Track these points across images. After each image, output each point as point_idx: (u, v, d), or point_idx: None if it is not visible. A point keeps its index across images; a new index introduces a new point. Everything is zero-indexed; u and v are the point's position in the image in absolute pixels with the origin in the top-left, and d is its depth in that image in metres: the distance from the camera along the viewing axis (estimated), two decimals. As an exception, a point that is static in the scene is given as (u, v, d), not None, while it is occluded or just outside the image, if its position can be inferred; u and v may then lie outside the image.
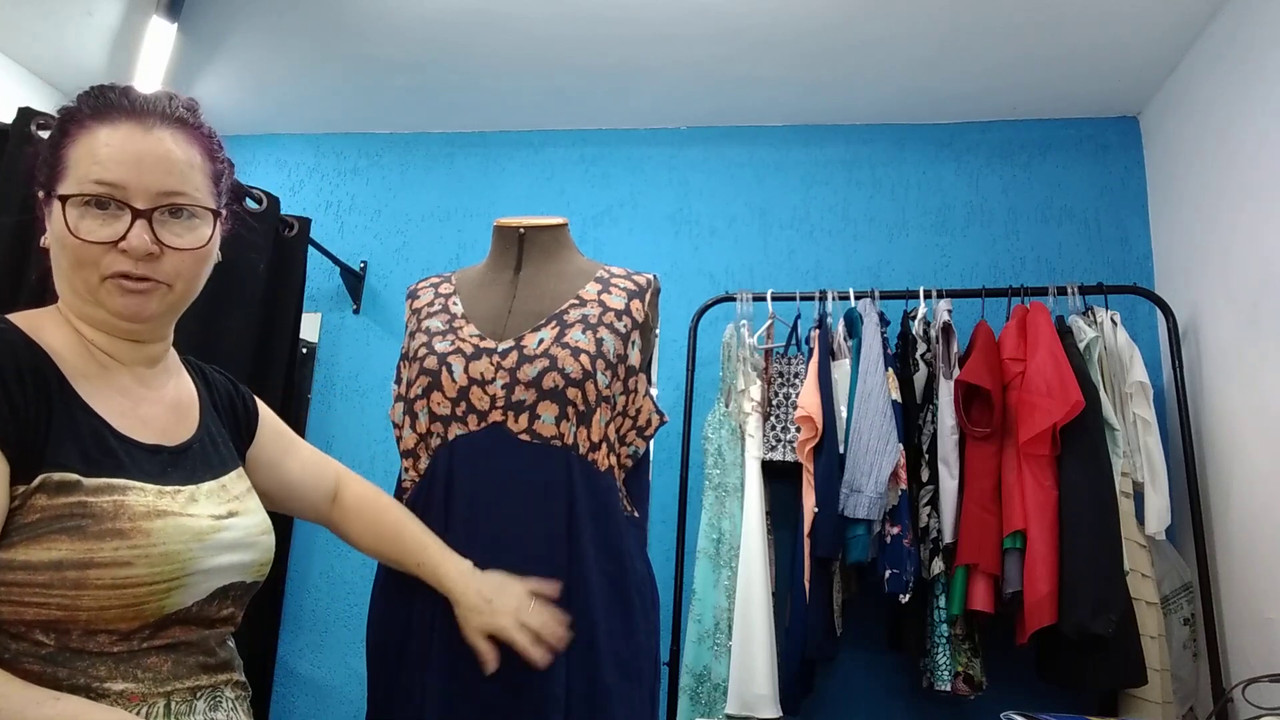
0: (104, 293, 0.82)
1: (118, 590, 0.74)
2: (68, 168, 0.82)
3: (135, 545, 0.75)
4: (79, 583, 0.72)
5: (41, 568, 0.72)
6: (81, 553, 0.72)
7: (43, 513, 0.73)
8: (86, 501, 0.74)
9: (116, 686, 0.75)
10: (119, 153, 0.81)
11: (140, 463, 0.81)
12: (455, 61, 2.56)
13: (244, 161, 2.90)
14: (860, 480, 2.00)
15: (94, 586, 0.73)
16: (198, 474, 0.88)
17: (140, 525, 0.76)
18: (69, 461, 0.75)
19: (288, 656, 2.58)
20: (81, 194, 0.80)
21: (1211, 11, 2.15)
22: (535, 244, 1.38)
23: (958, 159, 2.69)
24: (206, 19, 2.42)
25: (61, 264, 0.83)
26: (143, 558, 0.76)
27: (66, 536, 0.72)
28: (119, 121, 0.82)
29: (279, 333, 2.39)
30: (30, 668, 0.72)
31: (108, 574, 0.73)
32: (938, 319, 2.18)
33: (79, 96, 0.86)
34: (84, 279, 0.82)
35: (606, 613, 1.17)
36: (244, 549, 0.88)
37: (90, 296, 0.82)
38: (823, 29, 2.31)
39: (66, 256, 0.82)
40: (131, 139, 0.82)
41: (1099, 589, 1.84)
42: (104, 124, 0.82)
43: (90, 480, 0.75)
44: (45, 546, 0.72)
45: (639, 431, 1.30)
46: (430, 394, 1.24)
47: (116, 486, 0.77)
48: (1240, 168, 2.05)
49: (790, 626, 2.08)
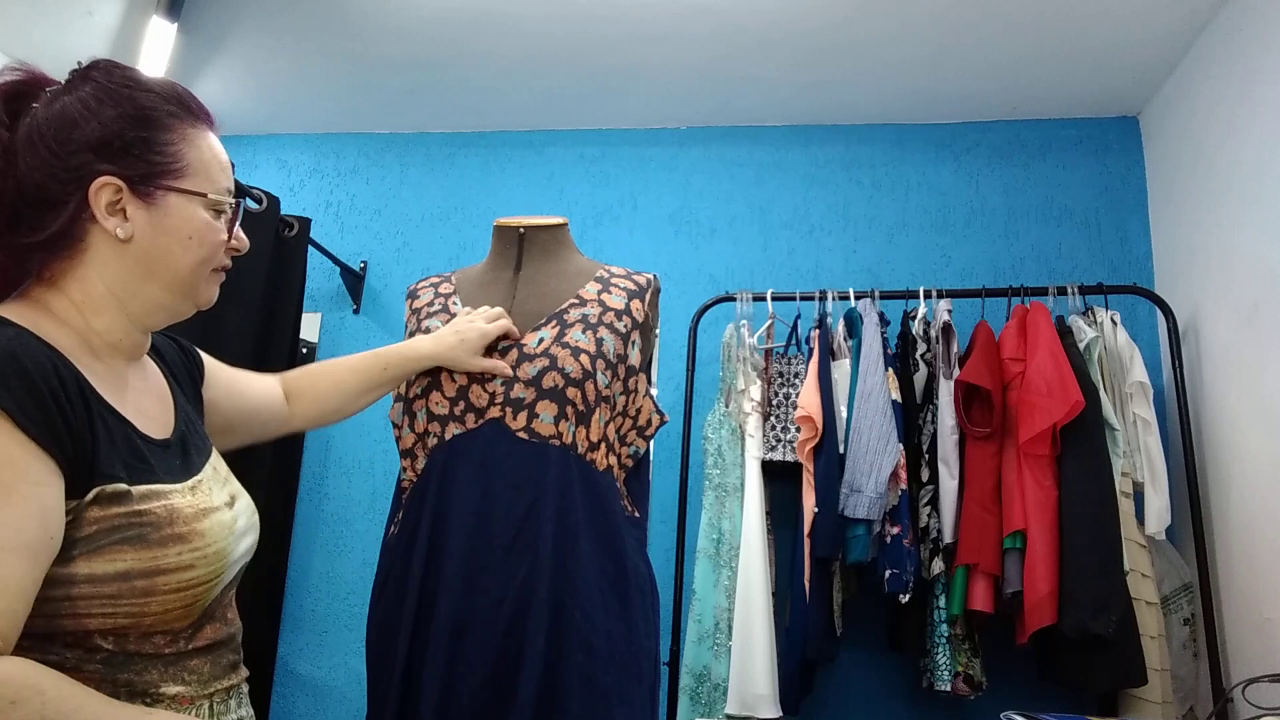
0: (206, 284, 0.89)
1: (181, 593, 0.77)
2: (187, 165, 0.85)
3: (195, 548, 0.78)
4: (148, 590, 0.74)
5: (107, 580, 0.73)
6: (148, 561, 0.74)
7: (99, 524, 0.73)
8: (140, 510, 0.75)
9: (170, 690, 0.78)
10: (225, 162, 0.90)
11: (161, 462, 0.82)
12: (455, 61, 2.56)
13: (244, 161, 2.91)
14: (860, 480, 2.00)
15: (162, 592, 0.75)
16: (194, 462, 0.88)
17: (194, 528, 0.79)
18: (115, 472, 0.75)
19: (288, 656, 2.58)
20: (220, 201, 0.87)
21: (1211, 11, 2.15)
22: (535, 244, 1.38)
23: (958, 159, 2.69)
24: (206, 19, 2.42)
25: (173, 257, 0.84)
26: (202, 559, 0.79)
27: (130, 546, 0.74)
28: (210, 128, 0.89)
29: (279, 333, 2.40)
30: (89, 674, 0.73)
31: (174, 579, 0.76)
32: (938, 319, 2.18)
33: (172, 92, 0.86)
34: (195, 272, 0.86)
35: (605, 613, 1.16)
36: (251, 531, 0.90)
37: (187, 289, 0.87)
38: (823, 29, 2.31)
39: (193, 251, 0.85)
40: (221, 148, 0.90)
41: (1099, 589, 1.84)
42: (206, 128, 0.88)
43: (136, 488, 0.76)
44: (108, 558, 0.73)
45: (639, 431, 1.31)
46: (429, 394, 1.24)
47: (159, 492, 0.78)
48: (1240, 167, 2.05)
49: (790, 626, 2.08)
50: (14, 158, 0.79)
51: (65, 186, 0.79)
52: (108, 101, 0.81)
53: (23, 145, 0.79)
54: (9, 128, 0.80)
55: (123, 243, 0.81)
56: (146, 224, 0.82)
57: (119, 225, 0.81)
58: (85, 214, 0.80)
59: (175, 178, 0.83)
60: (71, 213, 0.80)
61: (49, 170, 0.79)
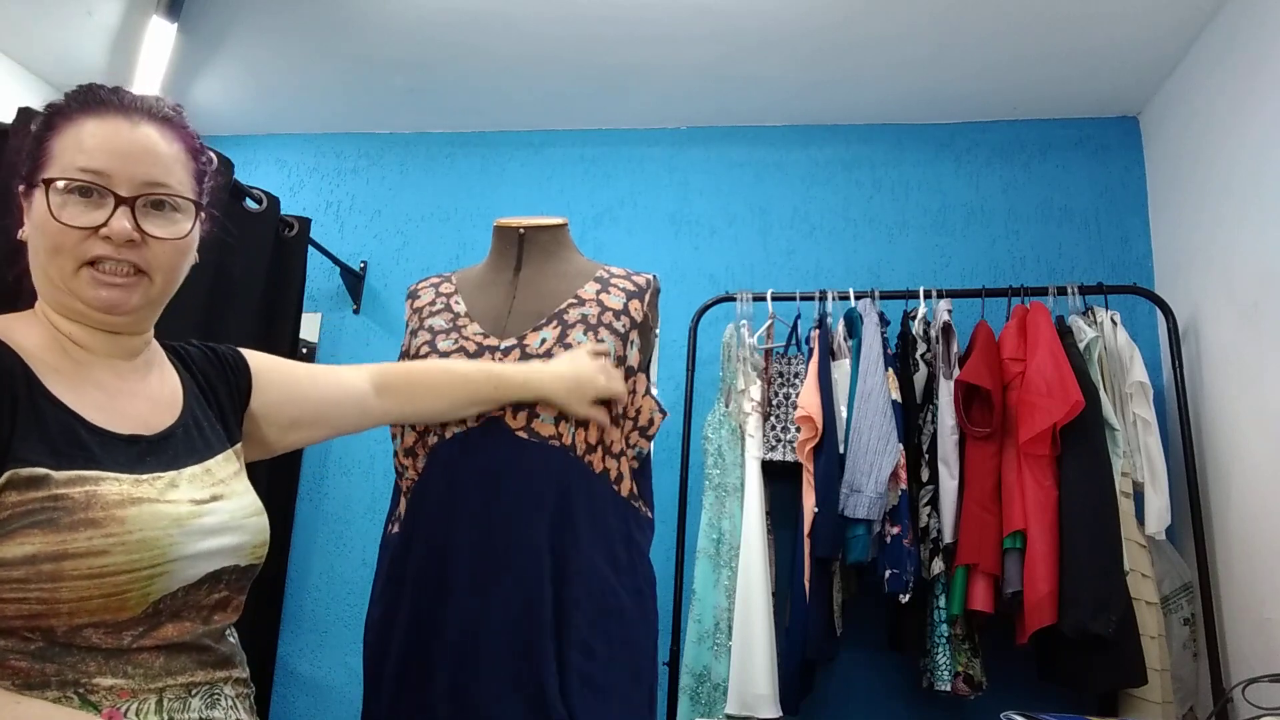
0: (78, 282, 0.83)
1: (95, 580, 0.74)
2: (53, 157, 0.83)
3: (110, 533, 0.75)
4: (55, 575, 0.72)
5: (16, 563, 0.71)
6: (55, 544, 0.72)
7: (13, 509, 0.72)
8: (57, 494, 0.74)
9: (105, 682, 0.75)
10: (105, 143, 0.83)
11: (114, 453, 0.81)
12: (455, 61, 2.57)
13: (244, 161, 2.91)
14: (860, 480, 2.00)
15: (70, 577, 0.73)
16: (179, 460, 0.86)
17: (114, 514, 0.76)
18: (35, 457, 0.74)
19: (288, 656, 2.58)
20: (66, 179, 0.81)
21: (1211, 12, 2.15)
22: (535, 244, 1.38)
23: (958, 159, 2.69)
24: (206, 19, 2.42)
25: (39, 252, 0.84)
26: (119, 545, 0.75)
27: (39, 530, 0.72)
28: (106, 115, 0.84)
29: (279, 333, 2.39)
30: (17, 664, 0.73)
31: (84, 564, 0.73)
32: (938, 319, 2.18)
33: (67, 93, 0.87)
34: (59, 266, 0.82)
35: (603, 614, 1.16)
36: (230, 532, 0.86)
37: (64, 285, 0.83)
38: (823, 29, 2.31)
39: (45, 242, 0.82)
40: (119, 131, 0.84)
41: (1099, 589, 1.84)
42: (91, 116, 0.84)
43: (60, 473, 0.75)
44: (18, 542, 0.72)
45: (641, 431, 1.30)
46: (430, 393, 1.23)
47: (89, 478, 0.76)
48: (1240, 167, 2.05)
49: (790, 626, 2.08)
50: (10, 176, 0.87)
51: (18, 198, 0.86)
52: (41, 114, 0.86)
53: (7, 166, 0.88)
54: None
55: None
56: (30, 222, 0.85)
57: (21, 231, 0.86)
58: None
59: (39, 172, 0.84)
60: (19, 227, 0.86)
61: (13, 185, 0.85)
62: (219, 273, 2.03)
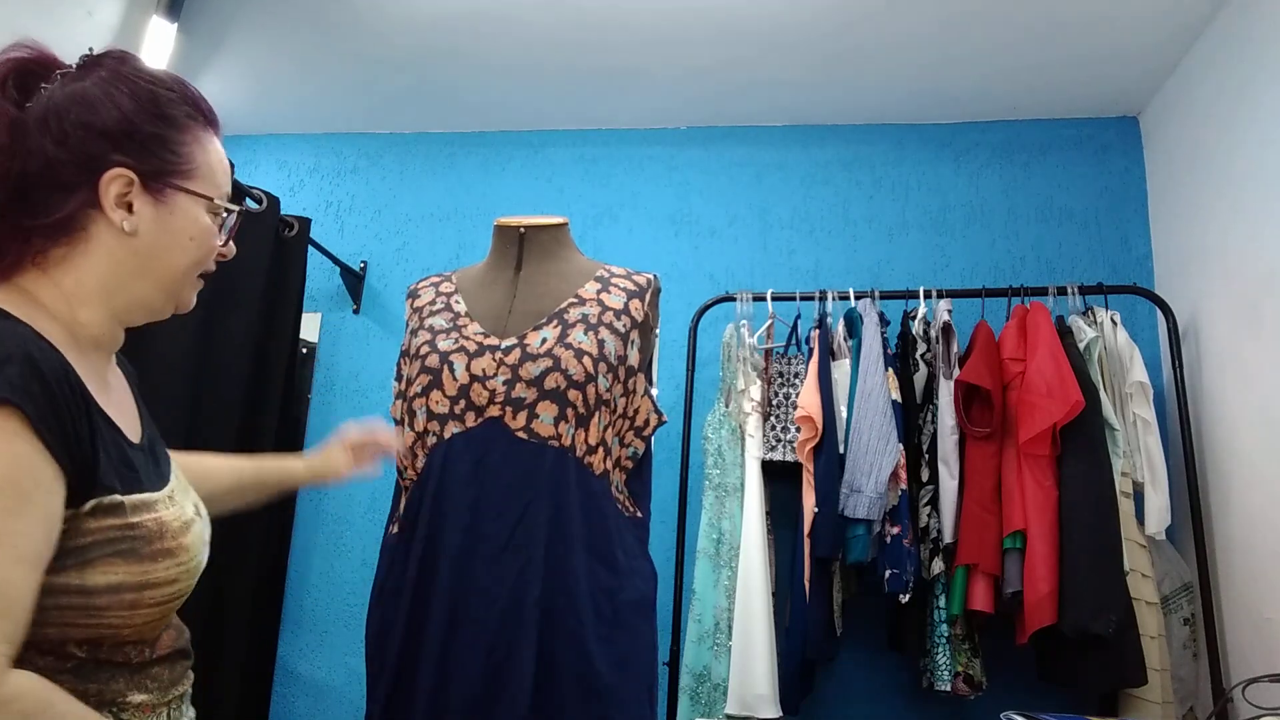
0: (189, 288, 0.88)
1: (164, 605, 0.78)
2: (197, 168, 0.84)
3: (180, 562, 0.79)
4: (135, 603, 0.75)
5: (99, 592, 0.73)
6: (139, 575, 0.75)
7: (93, 536, 0.73)
8: (133, 523, 0.75)
9: (136, 699, 0.78)
10: (226, 169, 0.89)
11: (143, 468, 0.81)
12: (455, 61, 2.56)
13: (244, 161, 2.91)
14: (860, 480, 2.00)
15: (147, 605, 0.76)
16: (164, 468, 0.87)
17: (181, 542, 0.79)
18: (112, 483, 0.75)
19: (288, 656, 2.58)
20: (221, 208, 0.87)
21: (1211, 12, 2.15)
22: (535, 243, 1.38)
23: (957, 159, 2.69)
24: (206, 19, 2.42)
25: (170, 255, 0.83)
26: (185, 572, 0.80)
27: (122, 560, 0.74)
28: (216, 133, 0.89)
29: (279, 333, 2.40)
30: (63, 683, 0.72)
31: (160, 592, 0.77)
32: (938, 319, 2.18)
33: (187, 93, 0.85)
34: (187, 273, 0.86)
35: (597, 616, 1.16)
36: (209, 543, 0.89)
37: (175, 290, 0.86)
38: (824, 32, 2.31)
39: (196, 252, 0.85)
40: (224, 156, 0.90)
41: (1099, 589, 1.84)
42: (214, 133, 0.88)
43: (129, 499, 0.76)
44: (102, 570, 0.73)
45: (637, 432, 1.30)
46: (430, 392, 1.24)
47: (148, 503, 0.78)
48: (1240, 167, 2.05)
49: (790, 626, 2.08)
50: (25, 136, 0.76)
51: (78, 172, 0.77)
52: (127, 92, 0.80)
53: (36, 124, 0.76)
54: (19, 105, 0.78)
55: (126, 236, 0.80)
56: (152, 220, 0.81)
57: (125, 218, 0.79)
58: (92, 202, 0.78)
59: (185, 178, 0.83)
60: (80, 200, 0.78)
61: (63, 153, 0.77)
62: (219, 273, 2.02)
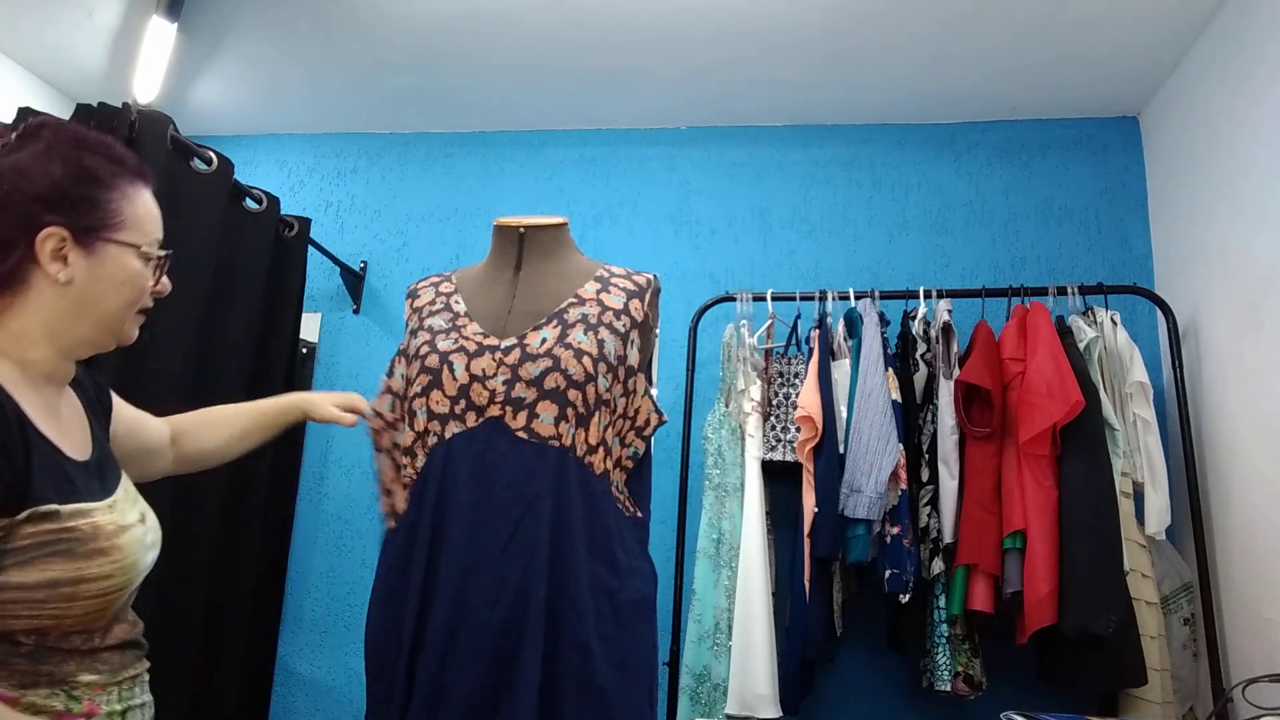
0: (130, 324, 0.99)
1: (100, 599, 0.88)
2: (125, 220, 0.95)
3: (115, 561, 0.88)
4: (71, 596, 0.85)
5: (38, 587, 0.83)
6: (73, 571, 0.85)
7: (31, 539, 0.82)
8: (68, 526, 0.85)
9: (85, 679, 0.89)
10: (157, 216, 1.00)
11: (85, 482, 0.91)
12: (455, 61, 2.57)
13: (244, 161, 2.91)
14: (860, 480, 2.00)
15: (83, 598, 0.86)
16: (109, 481, 0.96)
17: (115, 543, 0.89)
18: (46, 494, 0.85)
19: (288, 656, 2.58)
20: (150, 253, 0.97)
21: (1211, 12, 2.15)
22: (535, 243, 1.38)
23: (958, 159, 2.69)
24: (206, 19, 2.42)
25: (105, 299, 0.94)
26: (119, 569, 0.89)
27: (59, 558, 0.84)
28: (146, 185, 0.99)
29: (279, 333, 2.40)
30: (16, 666, 0.83)
31: (94, 587, 0.87)
32: (938, 319, 2.18)
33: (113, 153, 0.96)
34: (123, 313, 0.97)
35: (598, 616, 1.16)
36: (156, 546, 0.99)
37: (114, 328, 0.97)
38: (823, 30, 2.31)
39: (130, 295, 0.96)
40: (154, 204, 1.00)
41: (1099, 589, 1.84)
42: (144, 186, 0.98)
43: (65, 507, 0.85)
44: (40, 568, 0.83)
45: (637, 432, 1.30)
46: (430, 392, 1.24)
47: (84, 511, 0.88)
48: (1240, 167, 2.05)
49: (790, 626, 2.08)
50: None
51: (16, 232, 0.89)
52: (57, 160, 0.91)
53: None
54: None
55: (62, 285, 0.91)
56: (85, 270, 0.92)
57: (60, 270, 0.90)
58: (30, 257, 0.89)
59: (114, 230, 0.94)
60: (19, 255, 0.89)
61: (3, 216, 0.89)
62: (219, 273, 2.03)
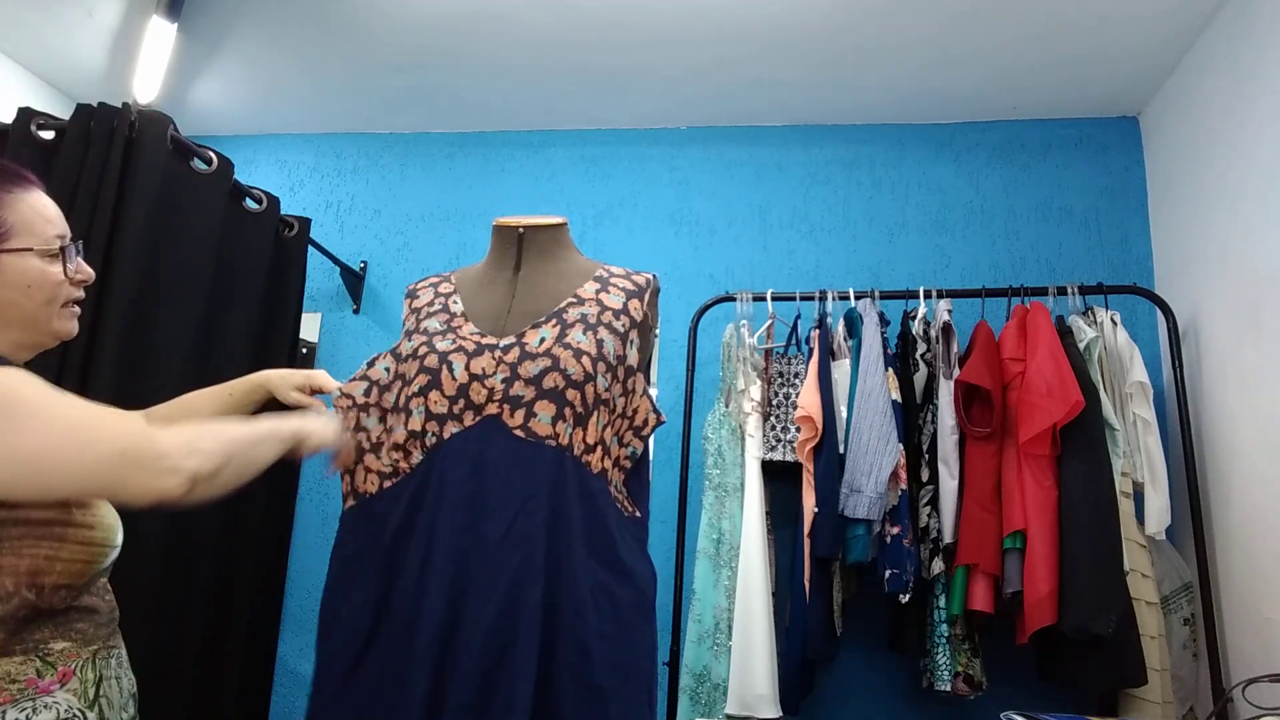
0: (60, 319, 1.03)
1: (84, 548, 0.95)
2: (11, 228, 0.98)
3: (96, 515, 0.97)
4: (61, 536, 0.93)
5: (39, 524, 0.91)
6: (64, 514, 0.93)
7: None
8: None
9: (58, 646, 0.94)
10: (50, 214, 1.02)
11: None
12: (455, 61, 2.57)
13: (244, 161, 2.91)
14: (860, 480, 1.99)
15: (71, 542, 0.93)
16: None
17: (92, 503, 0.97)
18: None
19: (288, 656, 2.58)
20: (49, 249, 1.00)
21: (1211, 12, 2.15)
22: (535, 243, 1.38)
23: (958, 159, 2.69)
24: (206, 19, 2.42)
25: (19, 305, 0.98)
26: (100, 524, 0.97)
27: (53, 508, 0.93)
28: (34, 188, 1.02)
29: (279, 333, 2.39)
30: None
31: (80, 534, 0.95)
32: (938, 319, 2.18)
33: None
34: (44, 312, 1.01)
35: (598, 616, 1.16)
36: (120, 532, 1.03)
37: (43, 327, 1.01)
38: (823, 30, 2.31)
39: (37, 296, 0.99)
40: (49, 200, 1.03)
41: (1099, 589, 1.84)
42: (25, 189, 1.01)
43: None
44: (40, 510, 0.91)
45: (636, 431, 1.30)
46: (428, 392, 1.24)
47: None
48: (1240, 167, 2.05)
49: (790, 626, 2.08)
50: None
51: None
52: None
53: None
54: None
55: None
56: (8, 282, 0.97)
57: None
58: None
59: (2, 241, 0.97)
60: None
61: None
62: (219, 273, 2.03)
